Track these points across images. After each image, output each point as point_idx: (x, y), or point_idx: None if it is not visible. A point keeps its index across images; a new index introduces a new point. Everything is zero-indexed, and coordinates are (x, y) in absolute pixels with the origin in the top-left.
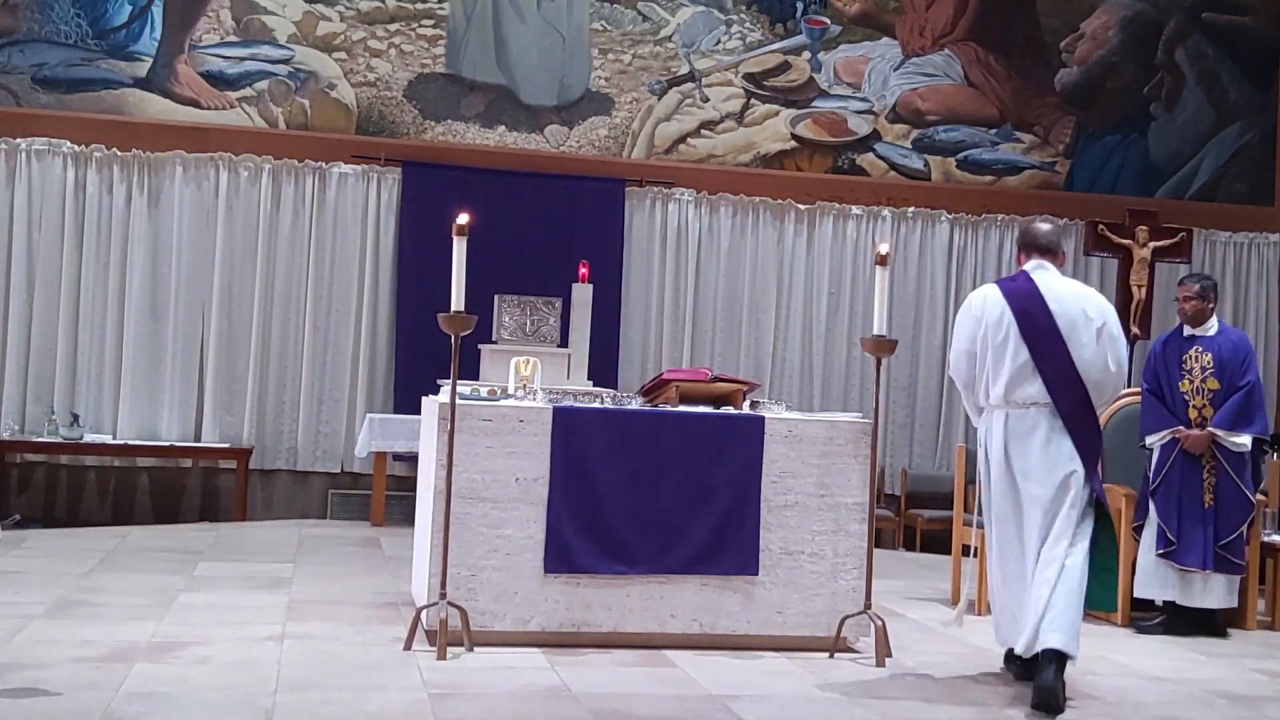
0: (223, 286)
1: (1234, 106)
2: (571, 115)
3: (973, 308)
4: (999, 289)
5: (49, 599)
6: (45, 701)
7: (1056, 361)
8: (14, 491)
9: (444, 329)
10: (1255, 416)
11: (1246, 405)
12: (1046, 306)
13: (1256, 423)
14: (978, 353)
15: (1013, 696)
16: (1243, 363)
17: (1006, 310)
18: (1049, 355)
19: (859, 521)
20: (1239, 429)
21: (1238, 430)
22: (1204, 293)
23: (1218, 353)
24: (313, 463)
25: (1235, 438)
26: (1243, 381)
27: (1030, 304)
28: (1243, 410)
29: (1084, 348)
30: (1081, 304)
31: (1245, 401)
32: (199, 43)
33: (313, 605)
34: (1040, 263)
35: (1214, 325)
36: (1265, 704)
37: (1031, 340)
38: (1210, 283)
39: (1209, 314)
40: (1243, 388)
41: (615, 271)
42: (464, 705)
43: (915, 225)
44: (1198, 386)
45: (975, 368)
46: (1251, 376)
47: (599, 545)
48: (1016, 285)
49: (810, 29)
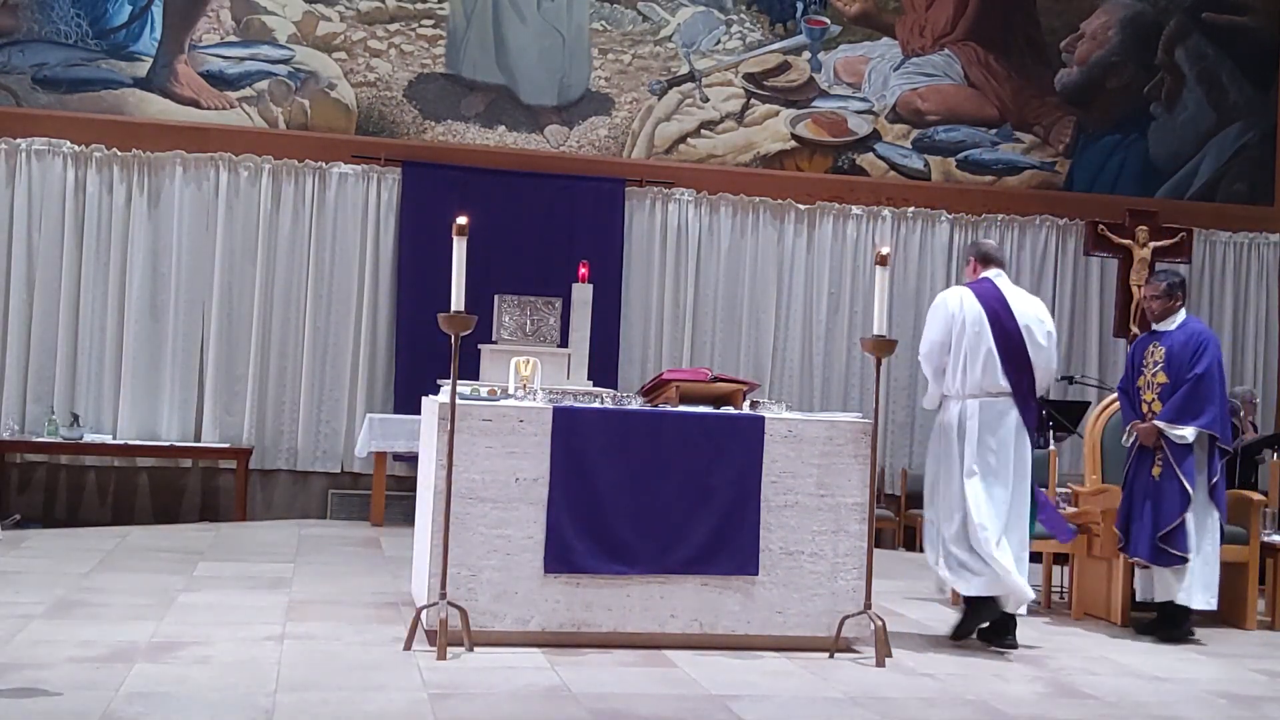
0: (223, 286)
1: (1234, 106)
2: (571, 115)
3: (949, 306)
4: (971, 291)
5: (49, 599)
6: (45, 701)
7: (1019, 357)
8: (14, 491)
9: (444, 329)
10: (1202, 409)
11: (1191, 398)
12: (1011, 310)
13: (1204, 415)
14: (951, 345)
15: (1013, 696)
16: (1192, 356)
17: (981, 311)
18: (1014, 352)
19: (859, 521)
20: (1183, 422)
21: (1181, 423)
22: (1170, 290)
23: (1170, 347)
24: (313, 463)
25: (1177, 430)
26: (1189, 374)
27: (999, 307)
28: (1187, 403)
29: (1039, 348)
30: (1035, 310)
31: (1190, 394)
32: (199, 43)
33: (313, 605)
34: (999, 272)
35: (1177, 321)
36: (1265, 704)
37: (1000, 339)
38: (1177, 280)
39: (1175, 310)
40: (1189, 380)
41: (615, 271)
42: (464, 705)
43: (915, 225)
44: (1149, 381)
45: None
46: (1200, 369)
47: (599, 545)
48: (985, 289)
49: (810, 29)
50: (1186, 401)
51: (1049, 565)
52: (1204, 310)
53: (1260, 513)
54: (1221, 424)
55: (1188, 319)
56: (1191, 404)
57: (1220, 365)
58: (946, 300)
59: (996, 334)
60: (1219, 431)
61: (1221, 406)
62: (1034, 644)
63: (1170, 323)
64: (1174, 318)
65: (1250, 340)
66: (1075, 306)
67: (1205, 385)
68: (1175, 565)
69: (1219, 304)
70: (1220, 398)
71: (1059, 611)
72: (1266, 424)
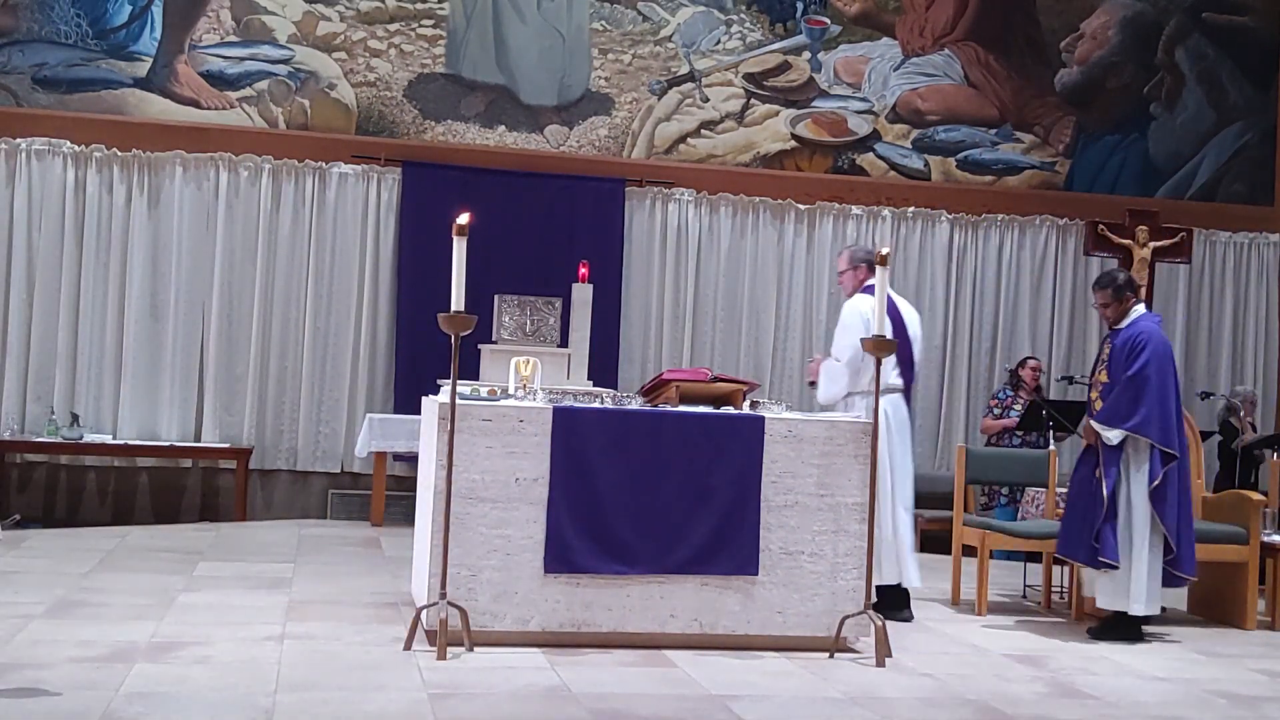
0: (223, 286)
1: (1234, 106)
2: (571, 115)
3: (863, 313)
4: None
5: (49, 599)
6: (45, 701)
7: (909, 357)
8: (14, 491)
9: (444, 329)
10: (1133, 411)
11: (1121, 399)
12: (900, 314)
13: (1134, 417)
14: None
15: (1013, 696)
16: (1129, 356)
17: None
18: (906, 352)
19: (859, 521)
20: (1112, 423)
21: (1110, 424)
22: (1118, 293)
23: (1115, 345)
24: (313, 463)
25: (1105, 431)
26: (1124, 375)
27: (894, 310)
28: (1117, 404)
29: (918, 346)
30: (913, 313)
31: (1121, 395)
32: (199, 43)
33: (313, 605)
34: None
35: (1130, 319)
36: (1265, 704)
37: (900, 339)
38: (1122, 279)
39: (1129, 310)
40: (1122, 381)
41: (615, 271)
42: (464, 705)
43: (915, 225)
44: (1094, 381)
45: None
46: (1133, 370)
47: (599, 545)
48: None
49: (810, 29)
50: (1117, 403)
51: (1049, 565)
52: (1204, 310)
53: (1260, 513)
54: (1159, 427)
55: (1140, 317)
56: (1121, 405)
57: (1160, 366)
58: (859, 309)
59: (898, 336)
60: (1153, 435)
61: (1160, 408)
62: (1034, 644)
63: (1125, 321)
64: (1128, 317)
65: (1250, 340)
66: (1075, 306)
67: (1137, 387)
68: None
69: (1219, 304)
70: (1157, 400)
71: (1059, 611)
72: (1266, 424)
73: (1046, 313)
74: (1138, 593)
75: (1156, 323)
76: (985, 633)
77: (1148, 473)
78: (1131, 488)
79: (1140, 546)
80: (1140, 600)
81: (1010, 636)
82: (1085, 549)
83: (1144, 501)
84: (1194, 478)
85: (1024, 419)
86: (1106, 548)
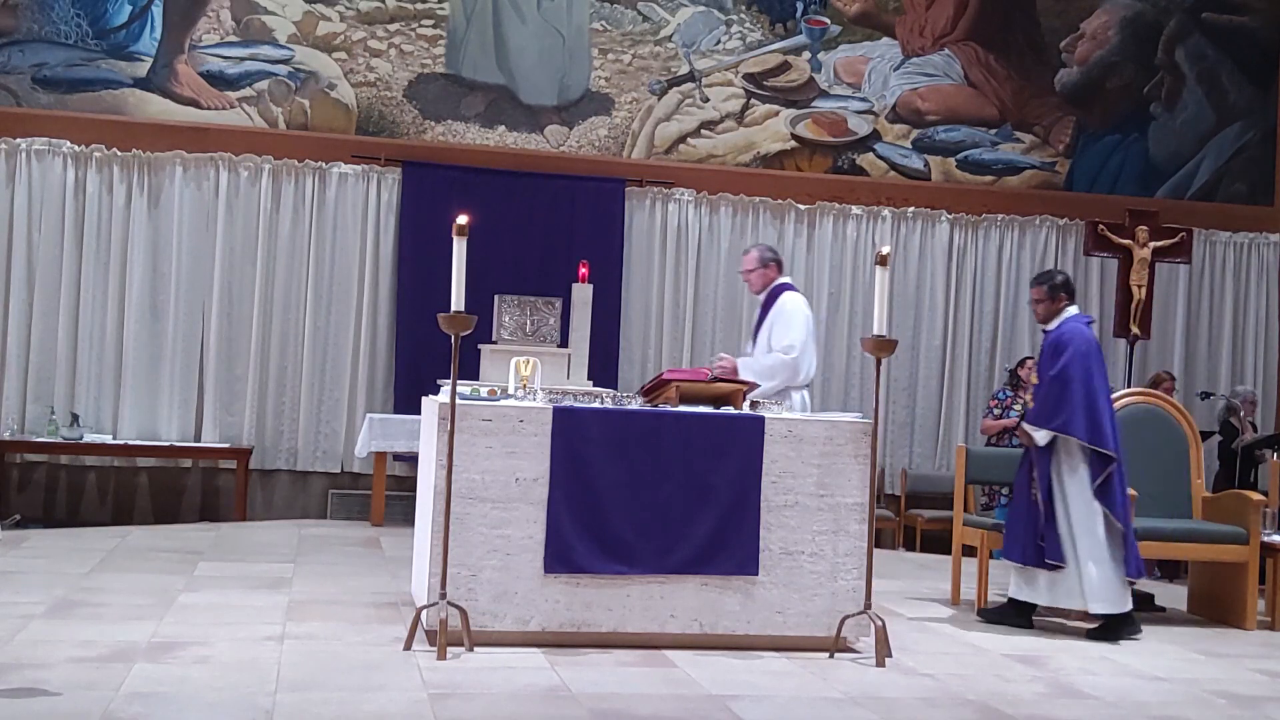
0: (223, 286)
1: (1234, 106)
2: (571, 115)
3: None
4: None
5: (49, 599)
6: (45, 701)
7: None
8: (14, 491)
9: (444, 329)
10: (1056, 411)
11: (1047, 400)
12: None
13: (1057, 417)
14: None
15: (1013, 696)
16: (1052, 356)
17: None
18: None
19: (859, 521)
20: (1038, 424)
21: (1037, 425)
22: (1053, 292)
23: (1044, 347)
24: (313, 463)
25: (1034, 432)
26: (1048, 376)
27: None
28: (1043, 405)
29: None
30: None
31: (1046, 396)
32: (199, 43)
33: (313, 605)
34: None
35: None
36: (1265, 704)
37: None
38: (1060, 279)
39: (1059, 312)
40: (1046, 382)
41: (615, 271)
42: (464, 705)
43: (915, 225)
44: (1028, 383)
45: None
46: (1055, 370)
47: (599, 545)
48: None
49: (810, 29)
50: (1042, 403)
51: None
52: (1204, 310)
53: (1260, 513)
54: (1085, 426)
55: (1068, 319)
56: (1046, 406)
57: (1083, 365)
58: (802, 305)
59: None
60: (1079, 434)
61: (1085, 407)
62: (1034, 644)
63: (1054, 322)
64: (1058, 318)
65: (1250, 340)
66: None
67: (1059, 386)
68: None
69: (1219, 304)
70: (1082, 399)
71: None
72: (1266, 424)
73: None
74: (1092, 591)
75: (1085, 324)
76: (985, 633)
77: (1085, 473)
78: (1067, 488)
79: (1088, 546)
80: (1099, 599)
81: (1010, 636)
82: (1031, 550)
83: (1083, 502)
84: (1194, 478)
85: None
86: (1050, 548)
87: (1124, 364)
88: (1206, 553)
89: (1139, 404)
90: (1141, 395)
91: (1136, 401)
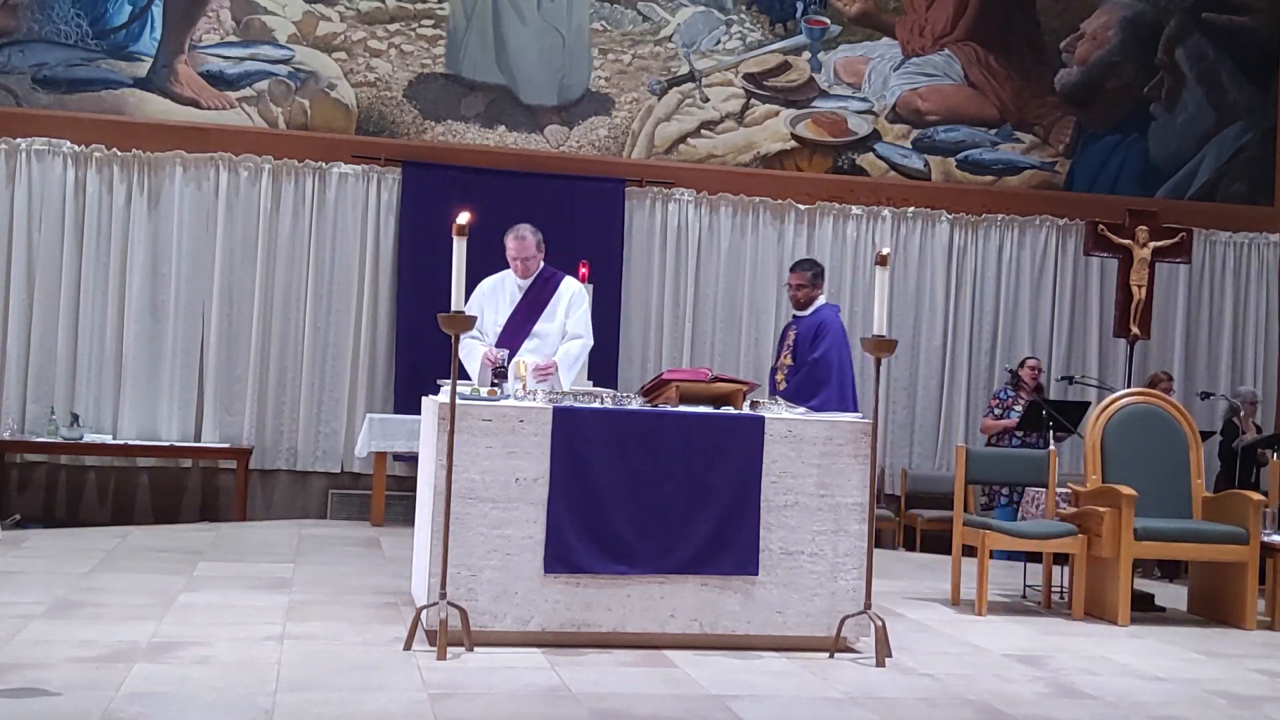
0: (223, 286)
1: (1234, 106)
2: (571, 115)
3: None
4: None
5: (49, 599)
6: (45, 701)
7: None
8: (14, 491)
9: (444, 329)
10: (815, 392)
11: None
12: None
13: (816, 397)
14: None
15: (1013, 696)
16: (812, 341)
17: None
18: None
19: (859, 521)
20: (795, 403)
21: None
22: (815, 280)
23: (800, 332)
24: (313, 463)
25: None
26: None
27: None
28: (801, 386)
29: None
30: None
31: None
32: (199, 43)
33: (313, 605)
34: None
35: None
36: (1265, 704)
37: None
38: (819, 268)
39: (816, 297)
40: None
41: (615, 271)
42: (464, 705)
43: (915, 225)
44: (781, 363)
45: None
46: (817, 353)
47: (599, 545)
48: None
49: (810, 29)
50: (801, 384)
51: (1049, 565)
52: (1204, 310)
53: (1260, 513)
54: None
55: (822, 306)
56: (805, 387)
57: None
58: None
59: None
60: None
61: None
62: (1034, 644)
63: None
64: (813, 304)
65: (1250, 340)
66: (1075, 307)
67: (820, 369)
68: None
69: (1219, 304)
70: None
71: (1059, 611)
72: (1267, 424)
73: (1046, 313)
74: None
75: (835, 312)
76: (985, 633)
77: None
78: None
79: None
80: None
81: (1010, 636)
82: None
83: None
84: (1194, 478)
85: (1024, 419)
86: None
87: (1124, 364)
88: (1206, 553)
89: (1139, 404)
90: (1141, 395)
91: (1137, 401)
